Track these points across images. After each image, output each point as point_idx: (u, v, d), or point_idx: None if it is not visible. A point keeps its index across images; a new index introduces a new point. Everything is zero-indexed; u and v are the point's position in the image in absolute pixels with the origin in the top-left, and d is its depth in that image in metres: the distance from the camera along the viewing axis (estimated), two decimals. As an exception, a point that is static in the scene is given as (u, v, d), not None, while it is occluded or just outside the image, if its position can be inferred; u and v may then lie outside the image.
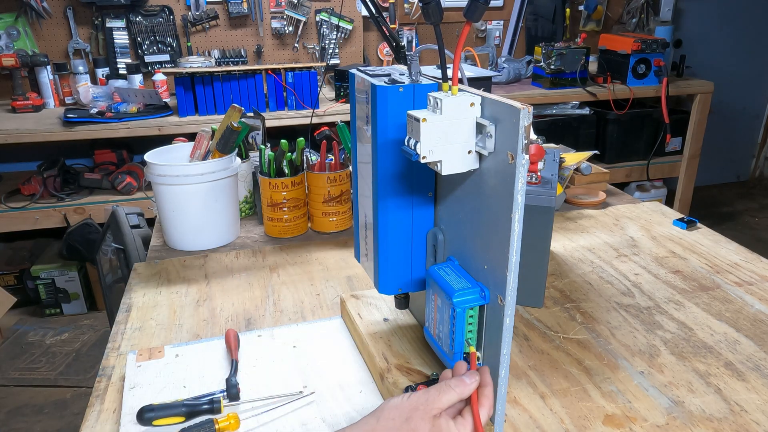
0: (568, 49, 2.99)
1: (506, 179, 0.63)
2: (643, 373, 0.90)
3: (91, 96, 2.73)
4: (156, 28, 3.04)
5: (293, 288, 1.18)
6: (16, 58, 2.73)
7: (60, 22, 2.95)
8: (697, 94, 3.22)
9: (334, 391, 0.87)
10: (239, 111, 1.36)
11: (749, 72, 4.25)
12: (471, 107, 0.67)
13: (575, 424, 0.80)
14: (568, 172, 1.56)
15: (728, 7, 4.04)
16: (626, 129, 3.25)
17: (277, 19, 3.18)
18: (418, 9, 3.35)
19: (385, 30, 0.86)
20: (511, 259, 0.64)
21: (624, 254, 1.29)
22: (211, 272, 1.25)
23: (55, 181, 2.69)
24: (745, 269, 1.21)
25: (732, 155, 4.52)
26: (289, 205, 1.36)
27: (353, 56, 3.36)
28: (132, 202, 2.63)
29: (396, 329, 0.94)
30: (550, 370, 0.91)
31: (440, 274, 0.75)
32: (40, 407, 2.35)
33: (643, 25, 3.64)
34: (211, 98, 2.63)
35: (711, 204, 4.23)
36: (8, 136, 2.46)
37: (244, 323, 1.06)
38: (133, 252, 1.41)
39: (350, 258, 1.29)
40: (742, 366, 0.92)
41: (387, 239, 0.82)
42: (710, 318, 1.04)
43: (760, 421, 0.80)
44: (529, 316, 1.05)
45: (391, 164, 0.78)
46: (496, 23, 3.57)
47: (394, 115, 0.75)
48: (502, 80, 3.17)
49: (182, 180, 1.28)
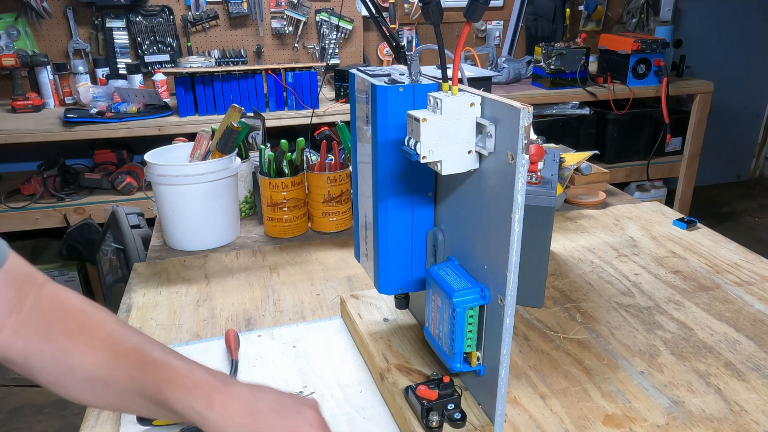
0: (568, 49, 2.99)
1: (506, 179, 0.63)
2: (643, 373, 0.90)
3: (91, 96, 2.73)
4: (156, 28, 3.04)
5: (293, 288, 1.18)
6: (16, 58, 2.73)
7: (60, 22, 2.95)
8: (697, 94, 3.22)
9: (334, 391, 0.87)
10: (239, 111, 1.36)
11: (749, 72, 4.25)
12: (471, 107, 0.67)
13: (575, 424, 0.80)
14: (568, 172, 1.56)
15: (728, 7, 4.04)
16: (626, 129, 3.25)
17: (277, 19, 3.18)
18: (418, 9, 3.35)
19: (385, 30, 0.86)
20: (511, 259, 0.64)
21: (624, 254, 1.29)
22: (211, 272, 1.25)
23: (55, 181, 2.69)
24: (745, 269, 1.21)
25: (732, 155, 4.52)
26: (289, 205, 1.36)
27: (353, 56, 3.36)
28: (132, 202, 2.63)
29: (396, 329, 0.94)
30: (550, 370, 0.91)
31: (440, 274, 0.75)
32: (40, 407, 2.35)
33: (643, 25, 3.64)
34: (211, 98, 2.63)
35: (711, 204, 4.23)
36: (8, 136, 2.46)
37: (244, 323, 1.06)
38: (133, 252, 1.41)
39: (350, 258, 1.29)
40: (742, 366, 0.92)
41: (387, 239, 0.82)
42: (710, 318, 1.04)
43: (760, 421, 0.80)
44: (529, 316, 1.05)
45: (391, 164, 0.78)
46: (496, 23, 3.57)
47: (394, 115, 0.75)
48: (502, 80, 3.17)
49: (182, 180, 1.28)
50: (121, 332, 0.66)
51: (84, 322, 0.66)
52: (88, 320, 0.66)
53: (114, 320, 0.67)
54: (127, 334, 0.66)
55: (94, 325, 0.66)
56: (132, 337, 0.66)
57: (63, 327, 0.65)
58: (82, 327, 0.65)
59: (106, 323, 0.66)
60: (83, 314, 0.66)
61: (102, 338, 0.64)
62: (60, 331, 0.64)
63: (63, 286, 0.69)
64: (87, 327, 0.65)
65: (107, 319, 0.67)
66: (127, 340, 0.65)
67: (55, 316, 0.65)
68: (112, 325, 0.66)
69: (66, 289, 0.69)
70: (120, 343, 0.64)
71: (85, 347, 0.63)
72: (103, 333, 0.65)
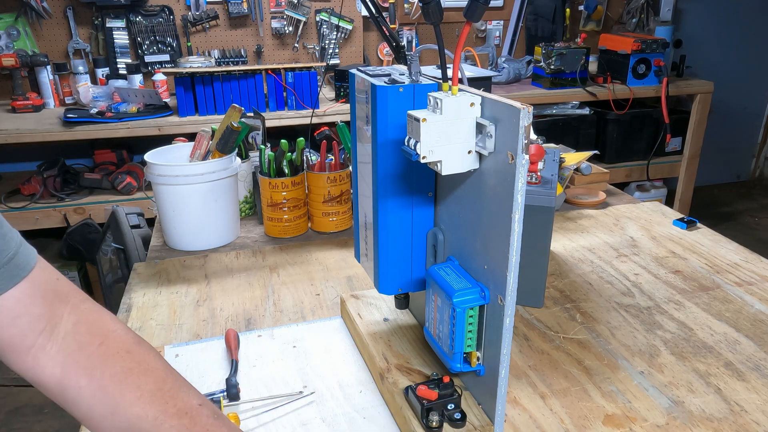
0: (568, 49, 2.99)
1: (506, 179, 0.63)
2: (643, 373, 0.90)
3: (91, 96, 2.73)
4: (156, 28, 3.04)
5: (293, 288, 1.18)
6: (16, 58, 2.73)
7: (60, 22, 2.95)
8: (697, 94, 3.22)
9: (334, 391, 0.87)
10: (239, 111, 1.36)
11: (749, 72, 4.25)
12: (471, 107, 0.67)
13: (575, 424, 0.80)
14: (568, 172, 1.55)
15: (728, 7, 4.04)
16: (626, 129, 3.25)
17: (277, 19, 3.18)
18: (418, 9, 3.35)
19: (385, 30, 0.86)
20: (511, 259, 0.64)
21: (624, 254, 1.29)
22: (211, 272, 1.25)
23: (55, 181, 2.69)
24: (745, 269, 1.21)
25: (732, 155, 4.52)
26: (289, 205, 1.36)
27: (353, 56, 3.36)
28: (132, 202, 2.63)
29: (396, 329, 0.94)
30: (550, 370, 0.91)
31: (440, 274, 0.75)
32: (40, 407, 2.35)
33: (643, 25, 3.64)
34: (211, 98, 2.63)
35: (711, 204, 4.23)
36: (8, 136, 2.46)
37: (244, 323, 1.06)
38: (133, 252, 1.41)
39: (350, 258, 1.29)
40: (742, 366, 0.92)
41: (387, 239, 0.82)
42: (710, 318, 1.04)
43: (760, 421, 0.80)
44: (529, 316, 1.05)
45: (391, 164, 0.78)
46: (496, 23, 3.57)
47: (394, 115, 0.75)
48: (502, 80, 3.17)
49: (182, 180, 1.28)
50: (172, 385, 0.62)
51: (131, 366, 0.62)
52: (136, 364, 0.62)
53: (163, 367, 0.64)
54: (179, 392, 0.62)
55: (142, 371, 0.62)
56: (183, 395, 0.62)
57: (108, 366, 0.61)
58: (129, 371, 0.61)
59: (156, 371, 0.63)
60: (129, 355, 0.62)
61: (151, 389, 0.61)
62: (105, 371, 0.61)
63: (101, 308, 0.65)
64: (134, 372, 0.61)
65: (156, 364, 0.63)
66: (178, 399, 0.62)
67: (99, 350, 0.61)
68: (162, 375, 0.63)
69: (105, 312, 0.65)
70: (170, 401, 0.61)
71: (132, 396, 0.60)
72: (152, 384, 0.61)
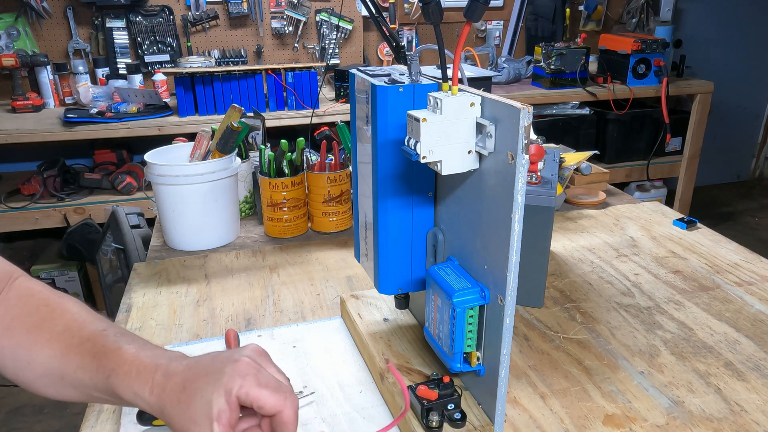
0: (568, 49, 2.99)
1: (506, 179, 0.63)
2: (643, 373, 0.90)
3: (91, 96, 2.73)
4: (156, 28, 3.04)
5: (293, 288, 1.18)
6: (16, 58, 2.73)
7: (60, 22, 2.95)
8: (697, 94, 3.22)
9: (334, 391, 0.87)
10: (239, 111, 1.36)
11: (749, 72, 4.25)
12: (471, 107, 0.67)
13: (575, 424, 0.80)
14: (568, 172, 1.55)
15: (728, 7, 4.04)
16: (626, 129, 3.25)
17: (277, 19, 3.18)
18: (418, 9, 3.35)
19: (385, 30, 0.86)
20: (511, 259, 0.64)
21: (624, 254, 1.29)
22: (211, 272, 1.25)
23: (55, 181, 2.69)
24: (745, 269, 1.21)
25: (732, 155, 4.52)
26: (289, 205, 1.36)
27: (353, 56, 3.36)
28: (132, 202, 2.63)
29: (396, 329, 0.94)
30: (550, 370, 0.91)
31: (440, 274, 0.75)
32: (40, 407, 2.35)
33: (643, 25, 3.64)
34: (211, 98, 2.63)
35: (711, 204, 4.23)
36: (8, 136, 2.46)
37: (244, 323, 1.06)
38: (133, 252, 1.41)
39: (350, 258, 1.29)
40: (742, 366, 0.92)
41: (387, 239, 0.82)
42: (710, 318, 1.04)
43: (760, 421, 0.80)
44: (529, 316, 1.05)
45: (391, 164, 0.78)
46: (496, 23, 3.57)
47: (394, 115, 0.75)
48: (502, 80, 3.17)
49: (182, 180, 1.28)
50: (80, 322, 0.63)
51: (46, 315, 0.64)
52: (50, 312, 0.64)
53: (77, 310, 0.65)
54: (85, 323, 0.63)
55: (55, 317, 0.64)
56: (89, 325, 0.63)
57: (25, 321, 0.63)
58: (43, 320, 0.63)
59: (67, 314, 0.64)
60: (46, 307, 0.65)
61: (59, 330, 0.63)
62: (22, 326, 0.63)
63: (36, 280, 0.67)
64: (47, 320, 0.63)
65: (70, 309, 0.65)
66: (84, 329, 0.63)
67: (20, 310, 0.64)
68: (73, 316, 0.64)
69: (37, 282, 0.67)
70: (75, 334, 0.62)
71: (43, 340, 0.62)
72: (62, 324, 0.63)
